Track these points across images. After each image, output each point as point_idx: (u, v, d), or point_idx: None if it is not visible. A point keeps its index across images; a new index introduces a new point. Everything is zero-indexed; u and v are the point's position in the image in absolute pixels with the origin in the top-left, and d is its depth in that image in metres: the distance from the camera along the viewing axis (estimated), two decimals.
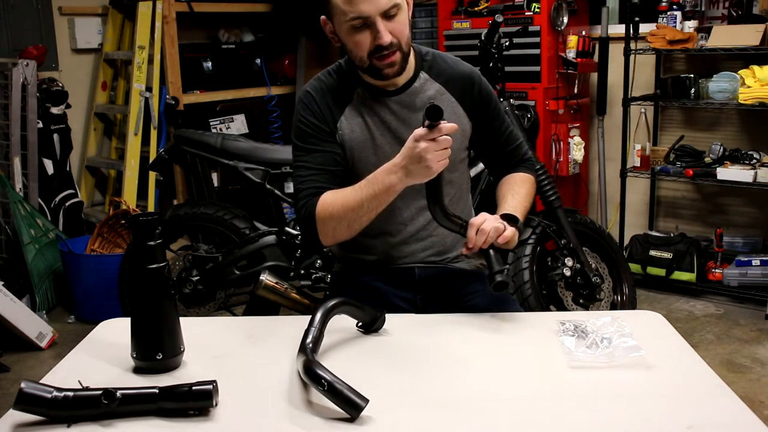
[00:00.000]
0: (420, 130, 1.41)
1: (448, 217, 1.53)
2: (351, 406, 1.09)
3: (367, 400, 1.10)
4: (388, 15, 1.53)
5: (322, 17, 1.60)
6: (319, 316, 1.30)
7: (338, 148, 1.65)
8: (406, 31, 1.58)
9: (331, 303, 1.34)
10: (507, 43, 2.90)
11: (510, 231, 1.51)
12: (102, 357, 1.35)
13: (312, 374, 1.14)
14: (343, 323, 1.42)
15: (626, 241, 3.80)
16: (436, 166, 1.42)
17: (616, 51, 3.86)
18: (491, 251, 1.49)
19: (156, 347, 1.27)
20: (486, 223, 1.49)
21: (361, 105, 1.67)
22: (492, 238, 1.49)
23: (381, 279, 1.73)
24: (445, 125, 1.40)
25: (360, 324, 1.45)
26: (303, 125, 1.66)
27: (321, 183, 1.61)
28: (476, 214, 1.85)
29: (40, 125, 3.69)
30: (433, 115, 1.36)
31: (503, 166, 1.80)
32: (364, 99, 1.67)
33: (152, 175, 3.81)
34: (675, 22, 3.57)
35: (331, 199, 1.57)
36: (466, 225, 1.52)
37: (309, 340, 1.24)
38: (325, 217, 1.57)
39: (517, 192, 1.70)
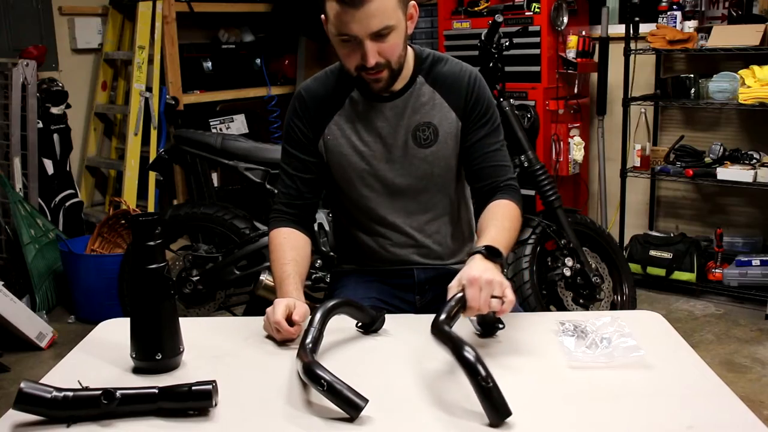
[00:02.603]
0: (278, 317, 1.38)
1: (446, 328, 1.22)
2: (350, 406, 1.09)
3: (366, 400, 1.10)
4: (378, 35, 1.49)
5: (323, 16, 1.59)
6: (318, 316, 1.30)
7: (316, 155, 1.68)
8: (397, 51, 1.54)
9: (331, 303, 1.34)
10: (507, 43, 2.90)
11: (508, 304, 1.30)
12: (102, 357, 1.35)
13: (311, 374, 1.14)
14: (342, 323, 1.42)
15: (626, 241, 3.80)
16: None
17: (616, 51, 3.86)
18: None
19: (156, 347, 1.26)
20: (482, 302, 1.29)
21: (353, 110, 1.66)
22: (486, 311, 1.30)
23: (380, 280, 1.74)
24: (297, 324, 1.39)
25: (360, 324, 1.45)
26: (289, 128, 1.70)
27: (292, 191, 1.70)
28: (476, 221, 1.84)
29: (40, 125, 3.69)
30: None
31: (486, 187, 1.66)
32: (357, 103, 1.66)
33: (152, 175, 3.81)
34: (675, 22, 3.57)
35: (275, 244, 1.66)
36: (463, 305, 1.30)
37: (309, 340, 1.24)
38: (270, 247, 1.69)
39: (500, 226, 1.54)
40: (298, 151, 1.69)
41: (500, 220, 1.55)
